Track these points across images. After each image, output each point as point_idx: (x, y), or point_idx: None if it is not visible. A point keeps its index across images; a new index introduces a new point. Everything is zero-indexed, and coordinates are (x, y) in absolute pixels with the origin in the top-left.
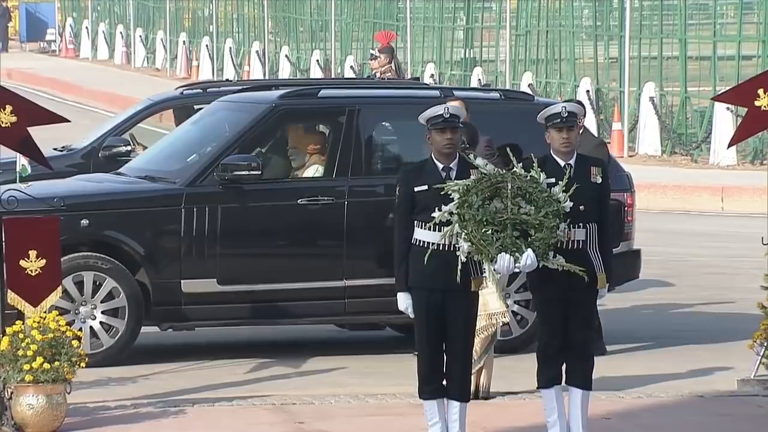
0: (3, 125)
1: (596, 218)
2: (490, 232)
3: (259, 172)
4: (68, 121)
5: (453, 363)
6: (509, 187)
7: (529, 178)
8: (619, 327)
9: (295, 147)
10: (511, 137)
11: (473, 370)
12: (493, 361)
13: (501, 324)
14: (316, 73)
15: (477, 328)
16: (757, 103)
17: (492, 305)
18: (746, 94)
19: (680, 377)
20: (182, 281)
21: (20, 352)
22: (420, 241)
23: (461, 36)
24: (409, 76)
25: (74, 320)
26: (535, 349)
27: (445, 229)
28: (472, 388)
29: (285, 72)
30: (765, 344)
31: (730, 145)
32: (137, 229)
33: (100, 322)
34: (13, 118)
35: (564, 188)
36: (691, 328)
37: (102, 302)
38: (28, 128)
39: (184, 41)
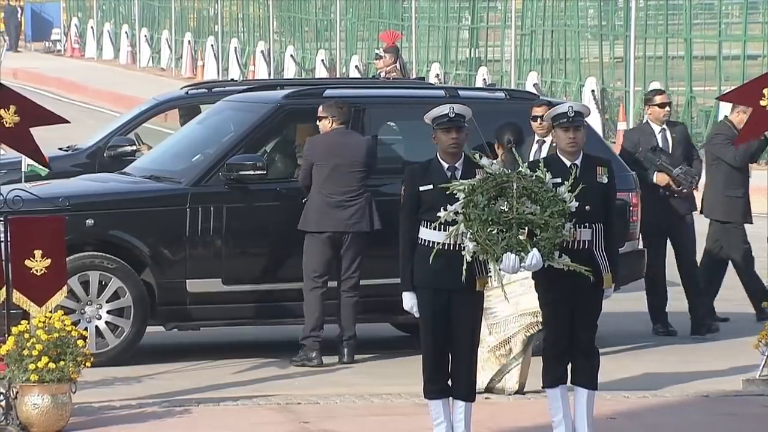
0: (7, 125)
1: (602, 218)
2: (495, 231)
3: (264, 172)
4: (68, 122)
5: (458, 363)
6: (515, 186)
7: (534, 177)
8: (624, 327)
9: (301, 146)
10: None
11: (513, 366)
12: (530, 358)
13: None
14: (321, 72)
15: (524, 326)
16: (762, 103)
17: (528, 304)
18: (751, 93)
19: (685, 377)
20: (187, 281)
21: (25, 352)
22: (425, 240)
23: (466, 36)
24: (414, 76)
25: (80, 320)
26: (540, 349)
27: (451, 228)
28: (516, 384)
29: (290, 72)
30: None
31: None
32: (142, 228)
33: (106, 322)
34: (17, 118)
35: (570, 188)
36: None
37: (107, 302)
38: (30, 129)
39: (189, 41)
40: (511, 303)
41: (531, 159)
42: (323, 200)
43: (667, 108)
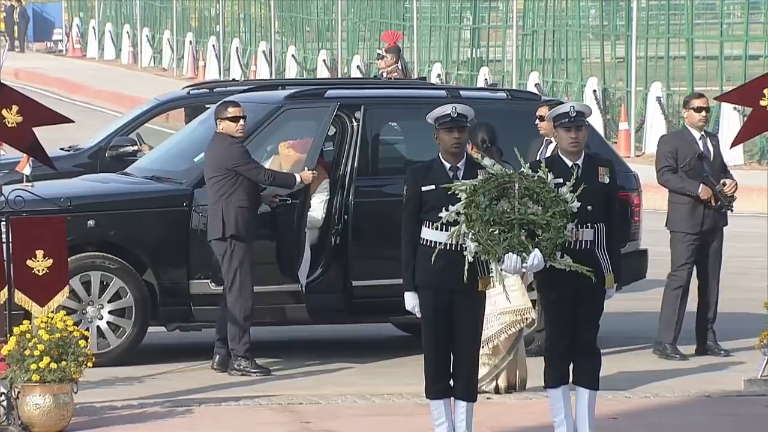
0: (9, 125)
1: (604, 218)
2: (497, 232)
3: None
4: (72, 121)
5: (460, 363)
6: (516, 187)
7: (536, 178)
8: (626, 327)
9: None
10: (518, 137)
11: (503, 365)
12: (525, 355)
13: (529, 320)
14: (322, 72)
15: (504, 324)
16: (762, 103)
17: (515, 302)
18: (752, 93)
19: (687, 377)
20: (189, 282)
21: (27, 352)
22: (427, 240)
23: (468, 36)
24: (416, 76)
25: (81, 320)
26: (542, 349)
27: (453, 229)
28: (505, 383)
29: (291, 72)
30: None
31: (733, 145)
32: (144, 229)
33: (107, 322)
34: (19, 118)
35: (572, 188)
36: None
37: (109, 302)
38: (33, 128)
39: (190, 41)
40: (490, 302)
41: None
42: None
43: (704, 113)
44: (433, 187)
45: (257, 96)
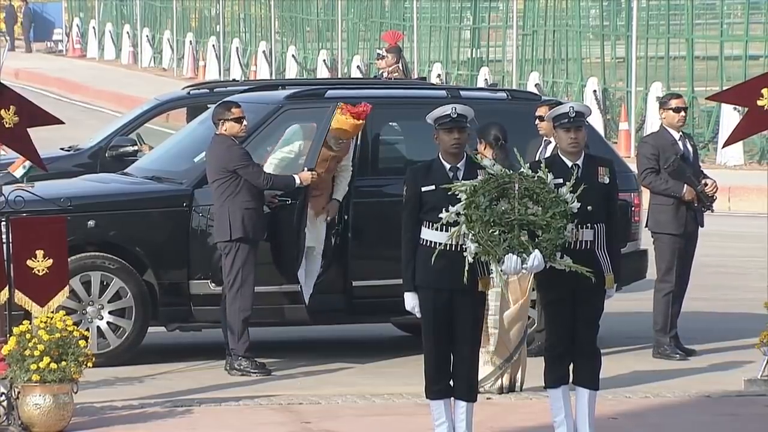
0: (7, 126)
1: (604, 218)
2: (497, 232)
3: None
4: (63, 122)
5: (460, 363)
6: (516, 187)
7: (536, 178)
8: (626, 327)
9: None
10: (518, 137)
11: (508, 365)
12: (526, 355)
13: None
14: (322, 73)
15: None
16: (760, 103)
17: None
18: (748, 93)
19: (687, 377)
20: (189, 282)
21: (27, 352)
22: (427, 241)
23: (468, 36)
24: (416, 76)
25: (81, 320)
26: (542, 349)
27: (453, 229)
28: (508, 382)
29: (292, 72)
30: None
31: (725, 144)
32: (144, 229)
33: (107, 322)
34: (16, 119)
35: (571, 189)
36: (697, 327)
37: (109, 302)
38: (27, 129)
39: (190, 41)
40: None
41: (536, 159)
42: None
43: (683, 113)
44: (433, 187)
45: (257, 96)
